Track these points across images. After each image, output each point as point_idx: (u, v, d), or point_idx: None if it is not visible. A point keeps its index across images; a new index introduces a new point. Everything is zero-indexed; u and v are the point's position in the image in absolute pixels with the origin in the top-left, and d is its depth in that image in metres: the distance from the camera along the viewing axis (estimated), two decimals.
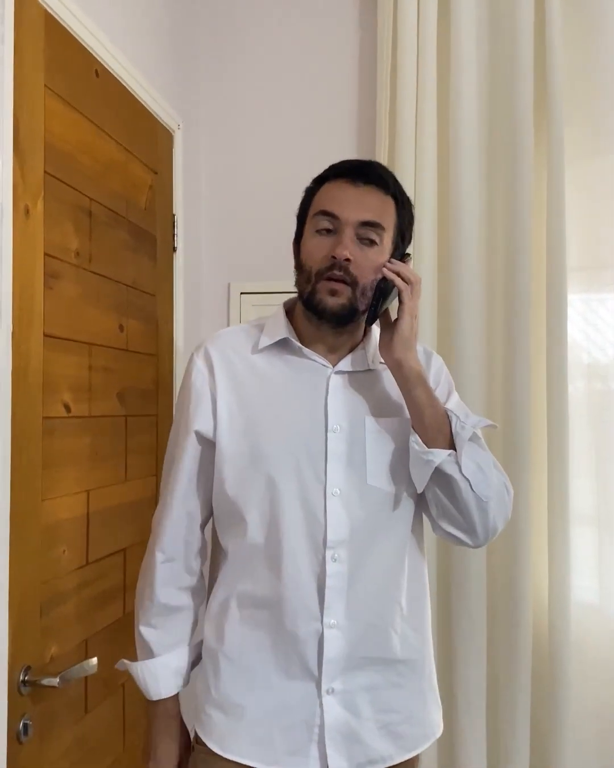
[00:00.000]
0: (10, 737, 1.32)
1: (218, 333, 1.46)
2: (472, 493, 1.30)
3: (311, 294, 1.32)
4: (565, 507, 2.10)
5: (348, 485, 1.33)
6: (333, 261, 1.29)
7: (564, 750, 2.09)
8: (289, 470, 1.33)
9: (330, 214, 1.31)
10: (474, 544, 1.37)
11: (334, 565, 1.31)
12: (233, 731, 1.33)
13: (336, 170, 1.37)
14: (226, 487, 1.36)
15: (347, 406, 1.36)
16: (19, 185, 1.37)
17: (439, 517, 1.36)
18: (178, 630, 1.42)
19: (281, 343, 1.39)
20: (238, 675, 1.34)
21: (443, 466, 1.29)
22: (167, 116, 2.14)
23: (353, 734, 1.33)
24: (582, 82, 2.20)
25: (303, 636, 1.31)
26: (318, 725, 1.31)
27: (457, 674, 2.16)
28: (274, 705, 1.32)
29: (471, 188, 2.20)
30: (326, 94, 2.42)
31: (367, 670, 1.34)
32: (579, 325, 2.24)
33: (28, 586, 1.39)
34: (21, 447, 1.36)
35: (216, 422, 1.36)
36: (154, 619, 1.40)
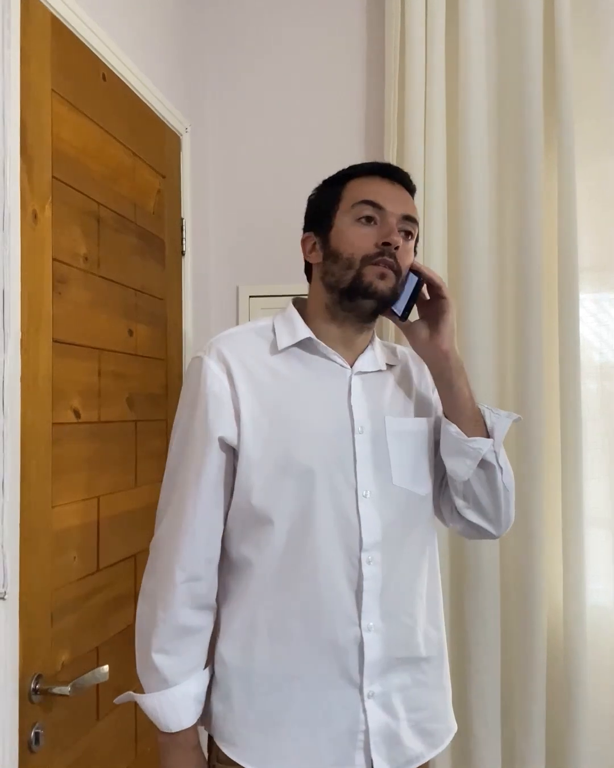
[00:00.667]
0: (22, 746, 1.31)
1: (227, 334, 1.40)
2: (502, 482, 1.37)
3: (357, 278, 1.32)
4: (580, 510, 2.08)
5: (377, 487, 1.33)
6: (384, 248, 1.30)
7: (580, 754, 2.07)
8: (319, 475, 1.30)
9: (375, 205, 1.33)
10: (497, 534, 1.43)
11: (369, 567, 1.30)
12: (276, 751, 1.29)
13: (362, 168, 1.39)
14: (253, 496, 1.30)
15: (368, 407, 1.36)
16: (27, 190, 1.36)
17: (466, 508, 1.40)
18: (195, 653, 1.32)
19: (301, 344, 1.37)
20: (274, 692, 1.30)
21: (486, 455, 1.35)
22: (175, 120, 2.13)
23: (394, 736, 1.32)
24: (592, 81, 2.18)
25: (342, 643, 1.29)
26: (363, 731, 1.30)
27: (471, 678, 2.13)
28: (316, 717, 1.29)
29: (481, 189, 2.18)
30: (334, 95, 2.41)
31: (398, 670, 1.34)
32: (591, 325, 2.23)
33: (39, 593, 1.38)
34: (31, 453, 1.35)
35: (239, 428, 1.30)
36: (169, 644, 1.29)
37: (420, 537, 1.39)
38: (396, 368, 1.46)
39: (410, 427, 1.39)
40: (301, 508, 1.29)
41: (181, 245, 2.18)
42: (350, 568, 1.30)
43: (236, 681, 1.32)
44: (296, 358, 1.37)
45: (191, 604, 1.30)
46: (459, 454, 1.35)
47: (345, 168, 1.42)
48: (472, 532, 1.44)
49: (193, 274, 2.25)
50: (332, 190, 1.39)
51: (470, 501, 1.39)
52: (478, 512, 1.40)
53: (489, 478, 1.36)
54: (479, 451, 1.34)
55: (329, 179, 1.43)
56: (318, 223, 1.40)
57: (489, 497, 1.38)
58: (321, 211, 1.39)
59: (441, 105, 2.21)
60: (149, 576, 1.34)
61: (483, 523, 1.40)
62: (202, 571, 1.31)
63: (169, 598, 1.29)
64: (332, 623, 1.29)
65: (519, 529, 2.11)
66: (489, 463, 1.35)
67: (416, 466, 1.39)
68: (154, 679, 1.30)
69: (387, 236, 1.30)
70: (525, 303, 2.13)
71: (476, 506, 1.39)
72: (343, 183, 1.39)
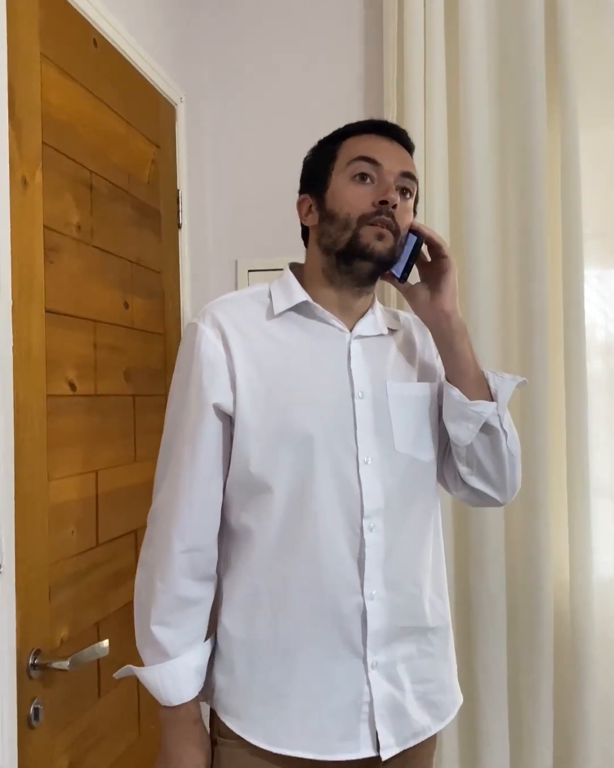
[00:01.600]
0: (22, 721, 1.29)
1: (222, 299, 1.36)
2: (507, 447, 1.34)
3: (354, 239, 1.27)
4: (585, 481, 2.06)
5: (378, 453, 1.30)
6: (381, 207, 1.26)
7: (588, 726, 2.06)
8: (319, 441, 1.27)
9: (372, 161, 1.28)
10: (502, 500, 1.39)
11: (371, 535, 1.27)
12: (280, 723, 1.27)
13: (358, 126, 1.35)
14: (251, 464, 1.27)
15: (369, 372, 1.33)
16: (16, 155, 1.32)
17: (470, 475, 1.36)
18: (196, 624, 1.29)
19: (297, 308, 1.33)
20: (277, 664, 1.27)
21: (489, 419, 1.31)
22: (169, 89, 2.09)
23: (399, 708, 1.30)
24: (596, 48, 2.15)
25: (345, 611, 1.26)
26: (367, 703, 1.27)
27: (477, 652, 2.12)
28: (320, 689, 1.27)
29: (484, 158, 2.15)
30: (332, 63, 2.36)
31: (404, 640, 1.31)
32: (596, 301, 2.20)
33: (36, 567, 1.36)
34: (25, 425, 1.33)
35: (235, 395, 1.26)
36: (168, 615, 1.26)
37: (424, 504, 1.36)
38: (399, 333, 1.43)
39: (412, 392, 1.36)
40: (300, 476, 1.26)
41: (178, 217, 2.15)
42: (352, 536, 1.27)
43: (239, 653, 1.29)
44: (293, 322, 1.33)
45: (190, 574, 1.27)
46: (461, 418, 1.32)
47: (340, 127, 1.38)
48: (476, 500, 1.41)
49: (191, 248, 2.21)
50: (327, 149, 1.35)
51: (474, 467, 1.35)
52: (482, 479, 1.36)
53: (492, 443, 1.33)
54: (482, 414, 1.30)
55: (325, 138, 1.39)
56: (314, 184, 1.35)
57: (493, 463, 1.34)
58: (317, 171, 1.35)
59: (441, 71, 2.17)
60: (147, 547, 1.31)
61: (488, 489, 1.37)
62: (201, 541, 1.28)
63: (168, 569, 1.26)
64: (334, 592, 1.26)
65: (525, 502, 2.09)
66: (492, 428, 1.32)
67: (419, 432, 1.35)
68: (154, 651, 1.27)
69: (384, 194, 1.26)
70: (530, 272, 2.10)
71: (480, 472, 1.36)
72: (339, 142, 1.34)
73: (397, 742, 1.29)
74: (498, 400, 1.32)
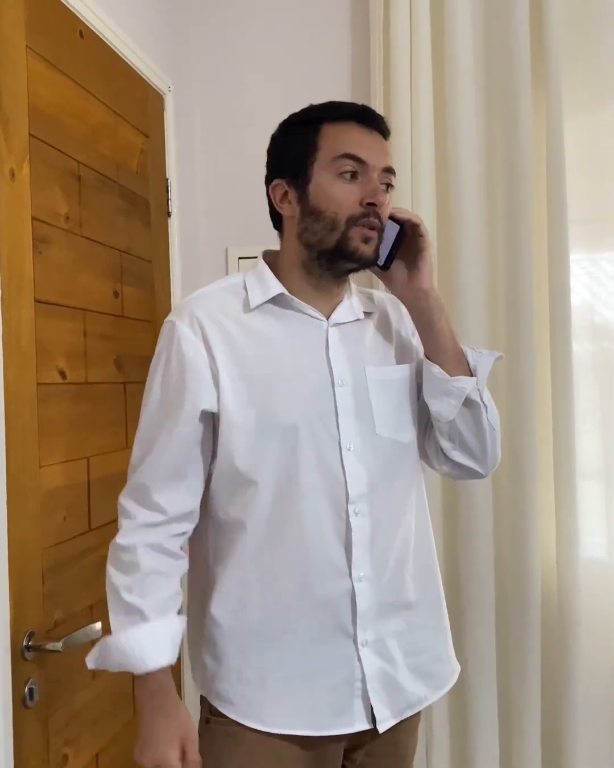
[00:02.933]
0: (16, 701, 1.32)
1: (197, 295, 1.36)
2: (488, 420, 1.36)
3: (342, 242, 1.27)
4: (572, 463, 2.09)
5: (360, 438, 1.32)
6: (369, 208, 1.26)
7: (575, 704, 2.09)
8: (302, 431, 1.29)
9: (358, 159, 1.27)
10: (484, 473, 1.42)
11: (357, 519, 1.30)
12: (274, 705, 1.29)
13: (337, 111, 1.32)
14: (236, 459, 1.29)
15: (347, 359, 1.34)
16: (3, 147, 1.34)
17: (452, 449, 1.39)
18: (166, 595, 1.28)
19: (274, 300, 1.33)
20: (269, 649, 1.30)
21: (470, 394, 1.33)
22: (157, 78, 2.10)
23: (392, 681, 1.33)
24: (581, 31, 2.15)
25: (335, 595, 1.29)
26: (360, 679, 1.31)
27: (466, 634, 2.16)
28: (313, 670, 1.30)
29: (469, 143, 2.16)
30: (320, 51, 2.37)
31: (390, 616, 1.34)
32: (586, 283, 2.21)
33: (29, 552, 1.39)
34: (15, 413, 1.35)
35: (218, 393, 1.28)
36: (137, 584, 1.26)
37: (406, 483, 1.39)
38: (374, 315, 1.43)
39: (391, 375, 1.38)
40: (285, 466, 1.29)
41: (167, 206, 2.16)
42: (338, 521, 1.30)
43: (230, 640, 1.31)
44: (270, 314, 1.34)
45: (157, 549, 1.28)
46: (442, 395, 1.34)
47: (314, 105, 1.34)
48: (460, 473, 1.43)
49: (181, 236, 2.23)
50: (304, 134, 1.31)
51: (456, 441, 1.38)
52: (465, 452, 1.38)
53: (474, 416, 1.35)
54: (463, 390, 1.32)
55: (296, 118, 1.36)
56: (291, 172, 1.33)
57: (475, 436, 1.37)
58: (294, 158, 1.32)
59: (427, 58, 2.18)
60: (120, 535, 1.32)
61: (470, 462, 1.39)
62: (173, 514, 1.30)
63: (136, 544, 1.27)
64: (323, 577, 1.29)
65: (513, 483, 2.13)
66: (473, 402, 1.34)
67: (399, 414, 1.38)
68: (127, 615, 1.25)
69: (372, 196, 1.26)
70: (517, 255, 2.12)
71: (462, 446, 1.38)
72: (317, 127, 1.31)
73: (393, 714, 1.33)
74: (477, 375, 1.35)
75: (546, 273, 2.12)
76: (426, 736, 2.20)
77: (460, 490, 2.16)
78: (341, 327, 1.37)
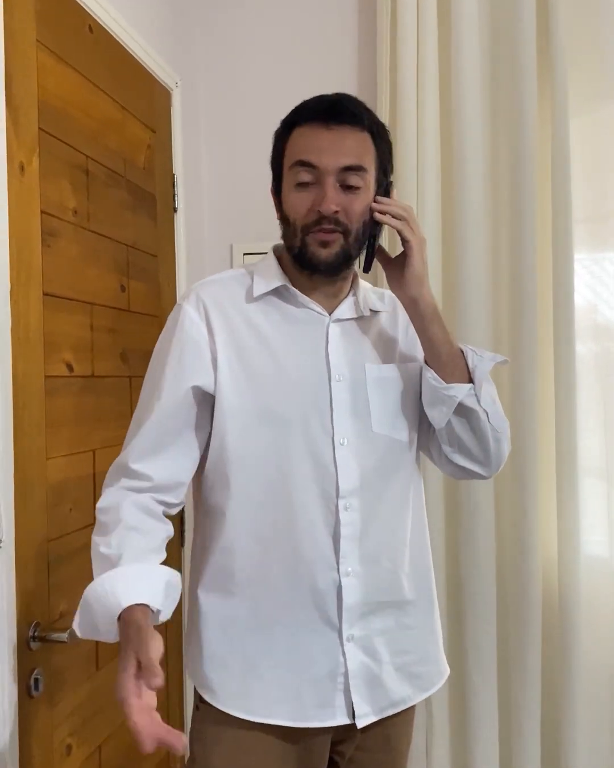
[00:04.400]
0: (22, 691, 1.34)
1: (207, 280, 1.38)
2: (489, 424, 1.33)
3: (302, 248, 1.28)
4: (574, 461, 2.10)
5: (355, 434, 1.32)
6: (320, 215, 1.24)
7: (576, 703, 2.10)
8: (296, 423, 1.29)
9: (308, 164, 1.25)
10: (487, 475, 1.41)
11: (347, 514, 1.30)
12: (257, 694, 1.30)
13: (306, 113, 1.30)
14: (228, 443, 1.29)
15: (347, 355, 1.34)
16: (13, 141, 1.35)
17: (453, 453, 1.38)
18: (144, 548, 1.19)
19: (276, 291, 1.34)
20: (254, 638, 1.30)
21: (464, 400, 1.31)
22: (164, 74, 2.11)
23: (375, 679, 1.33)
24: (586, 29, 2.15)
25: (321, 587, 1.30)
26: (343, 674, 1.31)
27: (467, 631, 2.17)
28: (297, 661, 1.30)
29: (475, 140, 2.16)
30: (327, 48, 2.39)
31: (380, 614, 1.35)
32: (589, 283, 2.22)
33: (35, 543, 1.40)
34: (23, 405, 1.36)
35: (216, 375, 1.29)
36: (114, 535, 1.18)
37: (403, 482, 1.39)
38: (382, 314, 1.43)
39: (391, 373, 1.37)
40: (277, 455, 1.29)
41: (173, 201, 2.17)
42: (327, 514, 1.30)
43: (215, 628, 1.32)
44: (272, 306, 1.34)
45: (140, 507, 1.24)
46: (435, 401, 1.33)
47: (296, 106, 1.33)
48: (462, 474, 1.43)
49: (186, 231, 2.24)
50: (280, 142, 1.32)
51: (456, 446, 1.37)
52: (465, 456, 1.38)
53: (471, 423, 1.34)
54: (454, 398, 1.31)
55: (281, 124, 1.35)
56: (274, 178, 1.35)
57: (474, 441, 1.35)
58: (274, 165, 1.34)
59: (434, 55, 2.19)
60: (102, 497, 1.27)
61: (472, 465, 1.39)
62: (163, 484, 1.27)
63: (119, 501, 1.23)
64: (311, 568, 1.29)
65: (515, 481, 2.13)
66: (468, 408, 1.32)
67: (397, 413, 1.37)
68: (101, 564, 1.17)
69: (319, 204, 1.24)
70: (521, 255, 2.13)
71: (462, 450, 1.37)
72: (288, 132, 1.31)
73: (374, 711, 1.33)
74: (474, 379, 1.33)
75: (550, 273, 2.13)
76: (426, 731, 2.21)
77: (462, 488, 2.17)
78: (343, 323, 1.37)
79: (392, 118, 2.18)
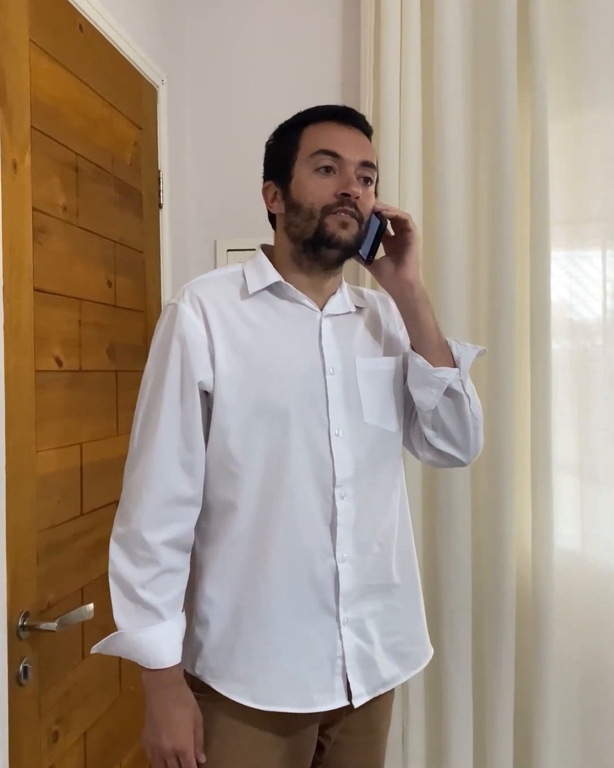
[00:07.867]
0: (11, 679, 1.36)
1: (199, 279, 1.41)
2: (470, 410, 1.42)
3: (320, 228, 1.34)
4: (548, 456, 2.14)
5: (348, 425, 1.38)
6: (344, 198, 1.32)
7: (548, 693, 2.15)
8: (293, 415, 1.34)
9: (333, 154, 1.34)
10: (466, 461, 1.49)
11: (342, 502, 1.36)
12: (264, 682, 1.34)
13: (318, 114, 1.40)
14: (229, 439, 1.33)
15: (339, 348, 1.40)
16: (6, 139, 1.37)
17: (435, 437, 1.45)
18: (176, 593, 1.34)
19: (271, 288, 1.39)
20: (259, 626, 1.34)
21: (452, 384, 1.40)
22: (151, 72, 2.13)
23: (368, 660, 1.39)
24: (567, 35, 2.19)
25: (320, 574, 1.35)
26: (340, 657, 1.36)
27: (443, 621, 2.22)
28: (300, 648, 1.35)
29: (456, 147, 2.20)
30: (313, 47, 2.42)
31: (370, 597, 1.41)
32: (566, 282, 2.26)
33: (24, 534, 1.43)
34: (14, 398, 1.39)
35: (214, 373, 1.33)
36: (151, 582, 1.30)
37: (390, 471, 1.46)
38: (365, 311, 1.50)
39: (380, 366, 1.44)
40: (276, 449, 1.34)
41: (159, 198, 2.20)
42: (324, 503, 1.35)
43: (224, 619, 1.36)
44: (266, 302, 1.40)
45: (171, 544, 1.32)
46: (425, 384, 1.40)
47: (301, 111, 1.42)
48: (442, 461, 1.50)
49: (171, 228, 2.27)
50: (289, 138, 1.40)
51: (439, 430, 1.44)
52: (447, 440, 1.45)
53: (456, 406, 1.42)
54: (444, 380, 1.39)
55: (285, 124, 1.44)
56: (278, 172, 1.40)
57: (457, 425, 1.43)
58: (280, 160, 1.40)
59: (416, 59, 2.22)
60: (124, 522, 1.35)
61: (452, 450, 1.46)
62: (178, 514, 1.33)
63: (148, 540, 1.30)
64: (310, 557, 1.34)
65: (490, 474, 2.18)
66: (456, 392, 1.41)
67: (386, 404, 1.44)
68: (145, 614, 1.29)
69: (346, 187, 1.32)
70: (500, 254, 2.17)
71: (445, 434, 1.44)
72: (300, 130, 1.39)
73: (368, 691, 1.39)
74: (460, 366, 1.41)
75: (528, 272, 2.17)
76: (402, 716, 2.26)
77: (440, 480, 2.22)
78: (334, 318, 1.43)
79: (375, 120, 2.21)
